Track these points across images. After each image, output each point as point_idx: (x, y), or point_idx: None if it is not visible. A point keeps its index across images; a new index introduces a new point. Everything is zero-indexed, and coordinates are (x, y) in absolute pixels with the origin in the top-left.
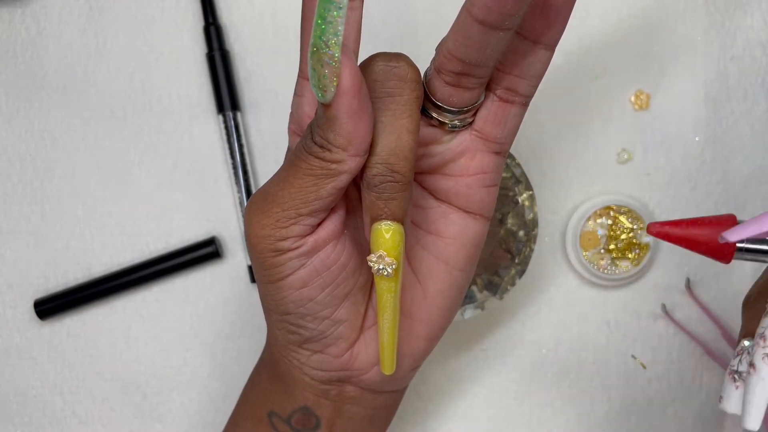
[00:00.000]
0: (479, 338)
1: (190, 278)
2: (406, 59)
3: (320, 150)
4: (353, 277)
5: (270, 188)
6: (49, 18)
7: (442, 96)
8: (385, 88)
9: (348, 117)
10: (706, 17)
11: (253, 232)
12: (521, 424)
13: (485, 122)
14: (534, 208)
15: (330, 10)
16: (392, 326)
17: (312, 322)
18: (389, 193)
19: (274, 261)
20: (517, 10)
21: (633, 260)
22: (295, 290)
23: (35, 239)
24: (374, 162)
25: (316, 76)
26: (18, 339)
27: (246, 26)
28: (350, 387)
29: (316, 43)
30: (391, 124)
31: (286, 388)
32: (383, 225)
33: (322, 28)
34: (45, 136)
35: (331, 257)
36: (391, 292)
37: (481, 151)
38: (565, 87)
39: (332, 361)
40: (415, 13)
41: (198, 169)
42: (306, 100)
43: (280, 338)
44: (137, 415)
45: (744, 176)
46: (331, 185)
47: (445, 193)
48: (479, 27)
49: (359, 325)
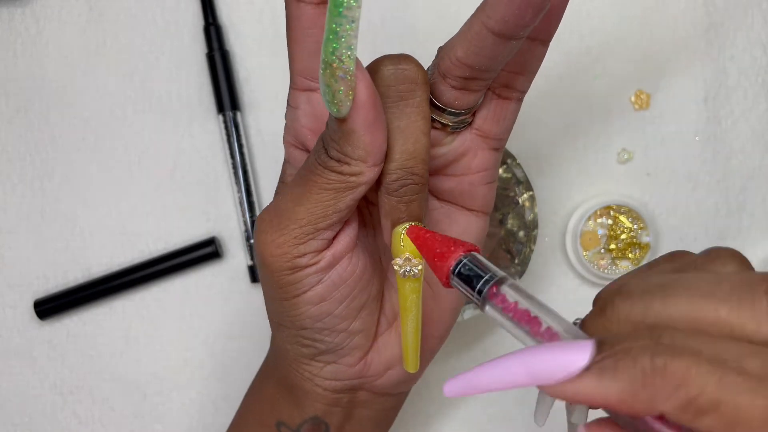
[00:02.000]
0: (479, 338)
1: (190, 278)
2: (413, 60)
3: (337, 164)
4: (368, 288)
5: (283, 205)
6: (49, 18)
7: (448, 100)
8: (397, 93)
9: (365, 129)
10: (706, 17)
11: (268, 251)
12: (521, 424)
13: (485, 121)
14: (534, 208)
15: (342, 24)
16: (417, 326)
17: (329, 335)
18: (409, 196)
19: (290, 278)
20: (534, 21)
21: (633, 260)
22: (312, 306)
23: (35, 239)
24: (393, 168)
25: (330, 92)
26: (18, 339)
27: (246, 26)
28: (362, 392)
29: (328, 59)
30: (407, 128)
31: (295, 398)
32: (406, 228)
33: (334, 44)
34: (45, 136)
35: (347, 270)
36: (416, 293)
37: (482, 149)
38: (565, 87)
39: (346, 370)
40: (415, 13)
41: (198, 169)
42: (302, 112)
43: (291, 352)
44: (137, 415)
45: (744, 176)
46: (350, 197)
47: (448, 194)
48: (494, 38)
49: (373, 333)
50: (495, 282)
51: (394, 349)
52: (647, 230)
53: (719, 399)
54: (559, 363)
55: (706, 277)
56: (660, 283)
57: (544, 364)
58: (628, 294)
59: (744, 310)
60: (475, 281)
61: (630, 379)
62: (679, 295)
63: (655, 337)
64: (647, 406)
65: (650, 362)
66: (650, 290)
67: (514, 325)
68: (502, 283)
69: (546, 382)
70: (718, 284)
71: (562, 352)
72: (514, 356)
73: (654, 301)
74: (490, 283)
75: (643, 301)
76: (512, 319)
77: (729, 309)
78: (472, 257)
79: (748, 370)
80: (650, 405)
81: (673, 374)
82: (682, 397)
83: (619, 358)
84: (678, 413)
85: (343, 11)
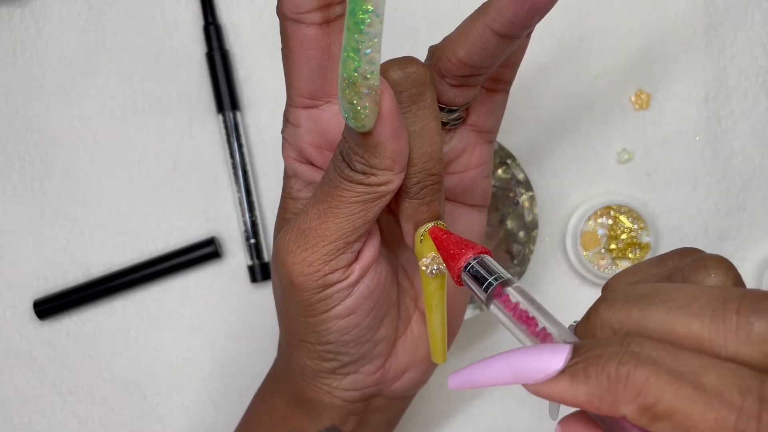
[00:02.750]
0: (479, 338)
1: (189, 278)
2: (418, 62)
3: (363, 177)
4: (390, 295)
5: (308, 224)
6: (49, 18)
7: (448, 98)
8: (408, 97)
9: (392, 139)
10: (706, 17)
11: (298, 270)
12: (521, 424)
13: (479, 115)
14: (534, 209)
15: (364, 41)
16: (443, 321)
17: (354, 347)
18: (430, 196)
19: (321, 296)
20: (538, 21)
21: (633, 260)
22: (341, 319)
23: (35, 239)
24: (414, 172)
25: (354, 109)
26: (17, 339)
27: (246, 26)
28: (378, 398)
29: (351, 78)
30: (423, 131)
31: (311, 411)
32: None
33: (356, 63)
34: (45, 136)
35: (374, 280)
36: (442, 289)
37: (479, 143)
38: (565, 87)
39: (366, 378)
40: (415, 13)
41: (198, 169)
42: (305, 130)
43: (309, 368)
44: (137, 415)
45: (744, 176)
46: (378, 207)
47: (450, 191)
48: (498, 39)
49: (393, 339)
50: (500, 283)
51: (410, 351)
52: (647, 230)
53: (673, 408)
54: (539, 365)
55: (686, 290)
56: (643, 293)
57: (527, 366)
58: (612, 301)
59: (714, 326)
60: (482, 281)
61: (597, 383)
62: (656, 305)
63: (625, 344)
64: (611, 408)
65: (615, 370)
66: (632, 299)
67: (514, 324)
68: (507, 284)
69: (527, 381)
70: (696, 298)
71: (542, 355)
72: (503, 357)
73: (633, 310)
74: (495, 284)
75: (624, 310)
76: (512, 318)
77: (700, 324)
78: (481, 259)
79: (704, 384)
80: (613, 408)
81: (633, 382)
82: (640, 404)
83: (590, 364)
84: (636, 417)
85: (365, 28)
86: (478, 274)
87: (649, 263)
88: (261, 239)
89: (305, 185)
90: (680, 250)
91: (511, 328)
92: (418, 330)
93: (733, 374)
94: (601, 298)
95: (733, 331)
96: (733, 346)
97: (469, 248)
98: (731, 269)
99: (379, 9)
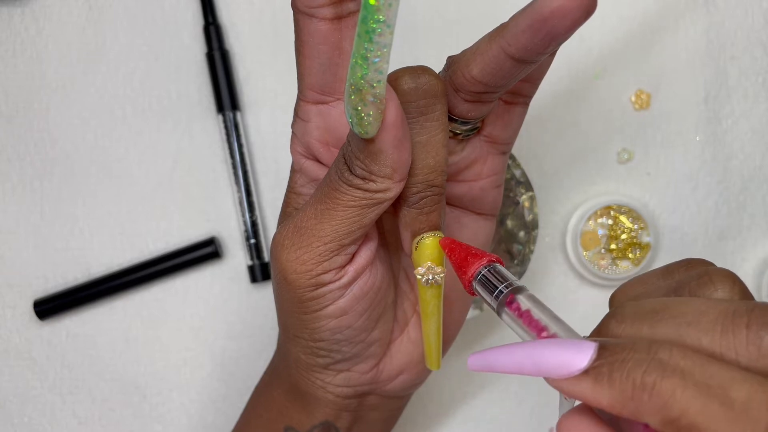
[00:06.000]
0: (479, 338)
1: (189, 278)
2: (431, 73)
3: (362, 182)
4: (385, 298)
5: (304, 222)
6: (49, 18)
7: (461, 112)
8: (417, 108)
9: (393, 148)
10: (706, 17)
11: (291, 268)
12: (521, 424)
13: (494, 127)
14: (534, 209)
15: (373, 50)
16: (438, 329)
17: (346, 346)
18: (429, 207)
19: (313, 294)
20: (554, 48)
21: (634, 260)
22: (333, 319)
23: (35, 239)
24: (415, 182)
25: (359, 115)
26: (17, 339)
27: (246, 26)
28: (372, 397)
29: (357, 85)
30: (428, 142)
31: (305, 404)
32: (427, 238)
33: (364, 70)
34: (45, 136)
35: (368, 283)
36: (437, 298)
37: (491, 154)
38: (565, 87)
39: (359, 377)
40: (415, 13)
41: (198, 169)
42: (313, 125)
43: (303, 361)
44: (137, 415)
45: (744, 176)
46: (375, 213)
47: (459, 199)
48: (513, 62)
49: (388, 341)
50: (511, 290)
51: (405, 354)
52: (648, 230)
53: (698, 424)
54: (562, 361)
55: (694, 305)
56: (652, 308)
57: (550, 359)
58: (621, 317)
59: (725, 341)
60: (492, 289)
61: (621, 390)
62: (666, 321)
63: (652, 351)
64: (633, 415)
65: (641, 378)
66: (641, 315)
67: (525, 331)
68: (518, 292)
69: (549, 375)
70: (704, 313)
71: (567, 351)
72: (526, 346)
73: (643, 327)
74: (506, 292)
75: (634, 326)
76: (523, 325)
77: (711, 339)
78: (492, 267)
79: (732, 398)
80: (636, 415)
81: (659, 394)
82: (665, 416)
83: (615, 369)
84: (659, 427)
85: (375, 37)
86: (488, 283)
87: (654, 274)
88: (261, 239)
89: (309, 181)
90: (686, 261)
91: (523, 336)
92: (415, 334)
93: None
94: (610, 314)
95: (744, 346)
96: (744, 360)
97: (479, 257)
98: (737, 283)
99: (391, 20)
